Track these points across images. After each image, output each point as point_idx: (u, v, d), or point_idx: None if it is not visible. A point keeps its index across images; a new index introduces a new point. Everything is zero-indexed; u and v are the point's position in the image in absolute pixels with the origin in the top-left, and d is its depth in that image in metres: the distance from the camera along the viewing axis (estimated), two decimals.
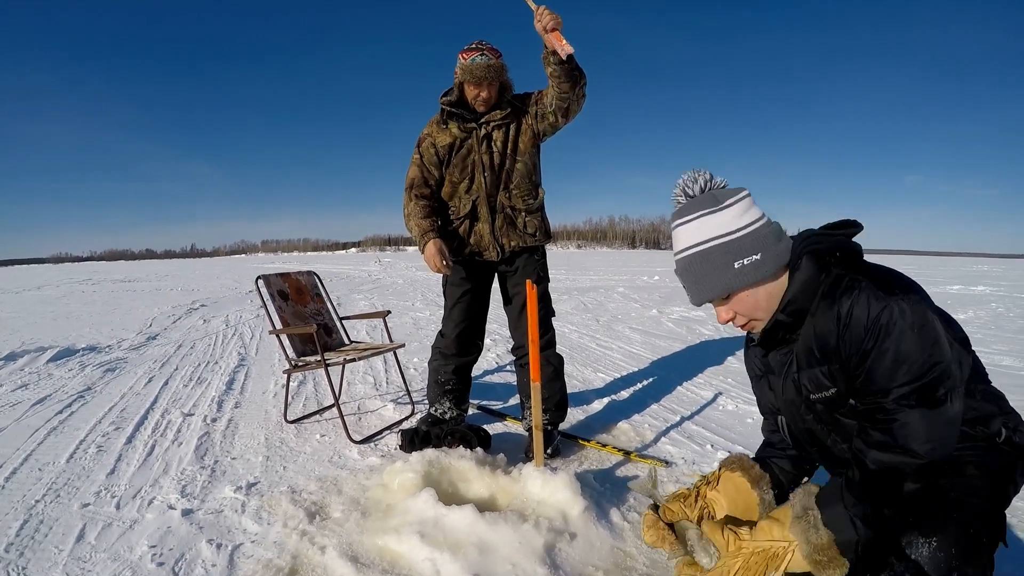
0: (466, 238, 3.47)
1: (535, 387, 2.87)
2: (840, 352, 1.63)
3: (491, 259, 3.50)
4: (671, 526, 1.98)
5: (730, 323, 1.78)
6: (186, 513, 2.77)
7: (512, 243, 3.46)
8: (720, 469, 2.06)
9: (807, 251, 1.71)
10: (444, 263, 3.26)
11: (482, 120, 3.36)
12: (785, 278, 1.72)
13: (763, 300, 1.72)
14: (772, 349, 1.87)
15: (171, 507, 2.83)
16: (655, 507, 2.06)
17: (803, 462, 2.07)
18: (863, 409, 1.64)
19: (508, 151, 3.38)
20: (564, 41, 2.94)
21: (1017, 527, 2.55)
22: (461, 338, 3.61)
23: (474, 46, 3.25)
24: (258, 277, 4.33)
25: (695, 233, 1.69)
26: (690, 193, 1.74)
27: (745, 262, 1.66)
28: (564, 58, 2.96)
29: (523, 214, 3.45)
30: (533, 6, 2.99)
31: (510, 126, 3.37)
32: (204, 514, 2.77)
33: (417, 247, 3.38)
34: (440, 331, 3.71)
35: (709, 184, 1.74)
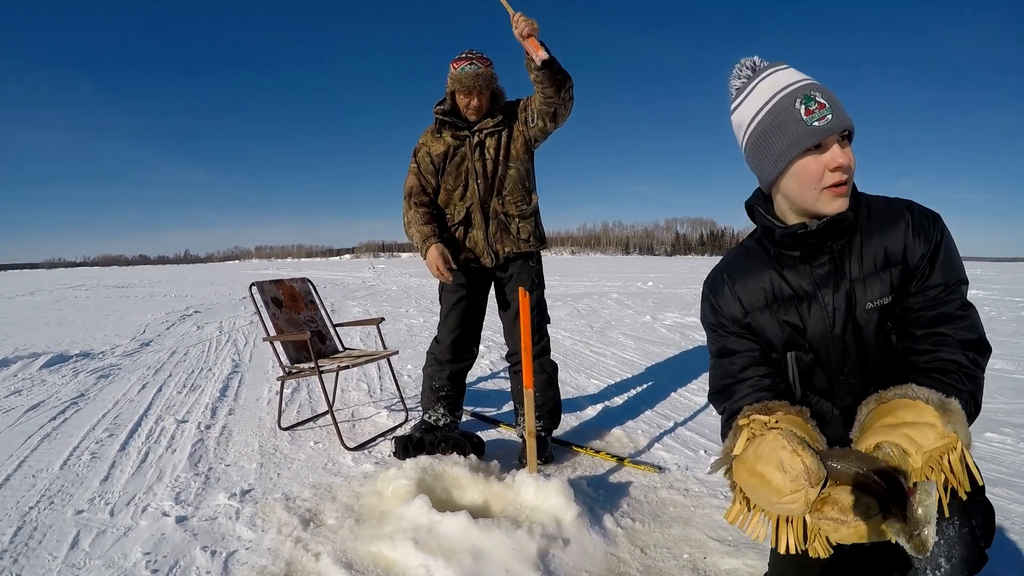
0: (461, 244, 3.48)
1: (528, 394, 2.88)
2: (907, 253, 1.55)
3: (486, 265, 3.51)
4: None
5: (838, 172, 1.49)
6: (180, 520, 2.77)
7: (507, 249, 3.47)
8: (754, 418, 1.53)
9: None
10: (447, 268, 3.27)
11: (475, 128, 3.38)
12: None
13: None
14: (812, 258, 1.63)
15: (165, 514, 2.83)
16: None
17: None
18: (920, 314, 1.54)
19: (500, 158, 3.40)
20: (540, 47, 2.97)
21: (1010, 530, 2.57)
22: (456, 344, 3.61)
23: (464, 55, 3.29)
24: (252, 284, 4.33)
25: (801, 75, 1.55)
26: (764, 67, 1.61)
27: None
28: (539, 64, 2.99)
29: (517, 220, 3.46)
30: (510, 10, 3.02)
31: (502, 133, 3.40)
32: (198, 521, 2.78)
33: (419, 253, 3.38)
34: (435, 337, 3.71)
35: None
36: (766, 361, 1.74)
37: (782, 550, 1.37)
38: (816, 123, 1.46)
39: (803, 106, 1.48)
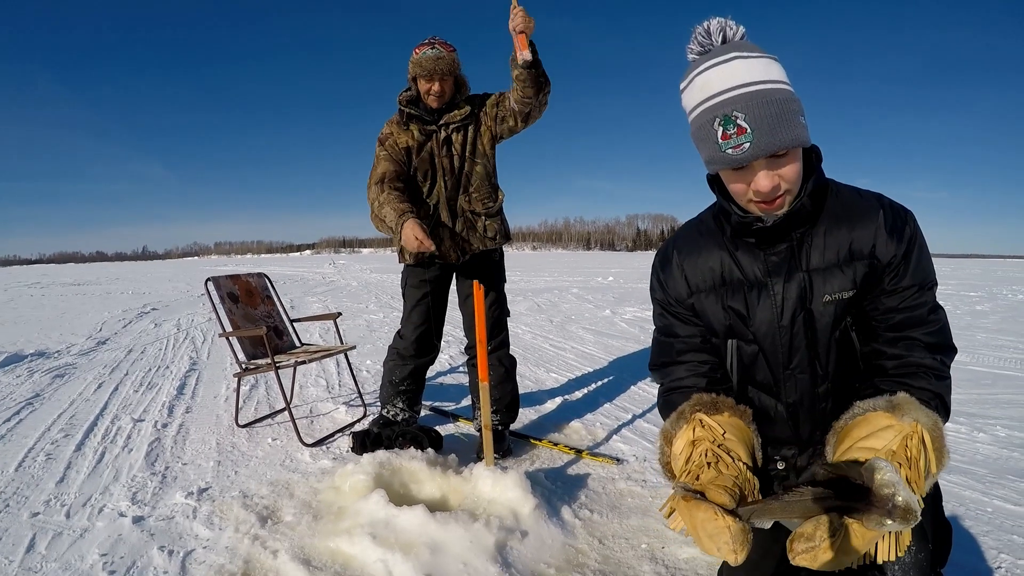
0: None
1: (483, 387, 2.89)
2: (876, 249, 1.48)
3: (451, 261, 3.51)
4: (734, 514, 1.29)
5: (763, 192, 1.42)
6: (137, 520, 2.74)
7: (473, 247, 3.48)
8: (695, 414, 1.54)
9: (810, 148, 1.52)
10: (426, 241, 3.04)
11: (441, 122, 3.34)
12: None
13: (800, 173, 1.45)
14: (769, 244, 1.56)
15: (122, 514, 2.80)
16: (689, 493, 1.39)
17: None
18: (889, 316, 1.49)
19: (467, 154, 3.38)
20: (527, 46, 2.98)
21: (965, 516, 2.65)
22: (420, 340, 3.60)
23: (427, 41, 3.25)
24: (207, 279, 4.28)
25: (767, 69, 1.39)
26: (728, 36, 1.45)
27: (803, 120, 1.40)
28: (520, 62, 3.00)
29: (483, 218, 3.46)
30: (515, 2, 2.99)
31: (469, 128, 3.38)
32: (155, 521, 2.75)
33: (392, 232, 3.20)
34: (399, 332, 3.70)
35: (744, 37, 1.47)
36: (706, 348, 1.71)
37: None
38: (730, 151, 1.37)
39: (721, 128, 1.38)
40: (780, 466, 1.74)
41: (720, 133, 1.38)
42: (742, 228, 1.56)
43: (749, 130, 1.34)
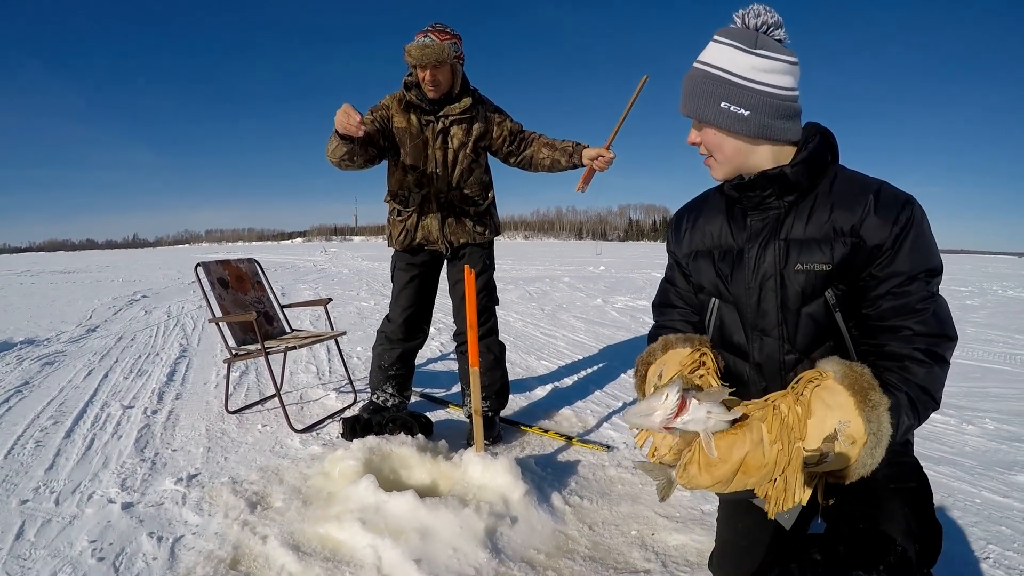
0: (414, 230, 3.44)
1: (474, 372, 2.89)
2: (863, 230, 1.51)
3: (440, 251, 3.50)
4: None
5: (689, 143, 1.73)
6: (126, 507, 2.73)
7: (461, 240, 3.47)
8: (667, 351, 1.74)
9: (821, 131, 1.66)
10: (354, 114, 2.86)
11: (440, 113, 3.31)
12: (764, 149, 1.63)
13: (728, 149, 1.65)
14: (752, 207, 1.70)
15: (111, 501, 2.79)
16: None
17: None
18: (878, 302, 1.52)
19: (464, 148, 3.37)
20: (588, 183, 3.31)
21: (954, 506, 2.67)
22: (408, 323, 3.59)
23: (424, 29, 3.18)
24: (197, 264, 4.25)
25: (715, 56, 1.61)
26: (748, 23, 1.61)
27: (731, 109, 1.58)
28: (576, 190, 3.33)
29: (472, 212, 3.46)
30: (611, 142, 3.22)
31: (472, 125, 3.37)
32: (144, 507, 2.74)
33: (334, 140, 3.03)
34: (387, 316, 3.69)
35: (769, 28, 1.60)
36: (696, 307, 1.91)
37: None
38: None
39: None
40: None
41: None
42: (731, 188, 1.72)
43: (682, 96, 1.68)
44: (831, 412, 1.31)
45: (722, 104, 1.58)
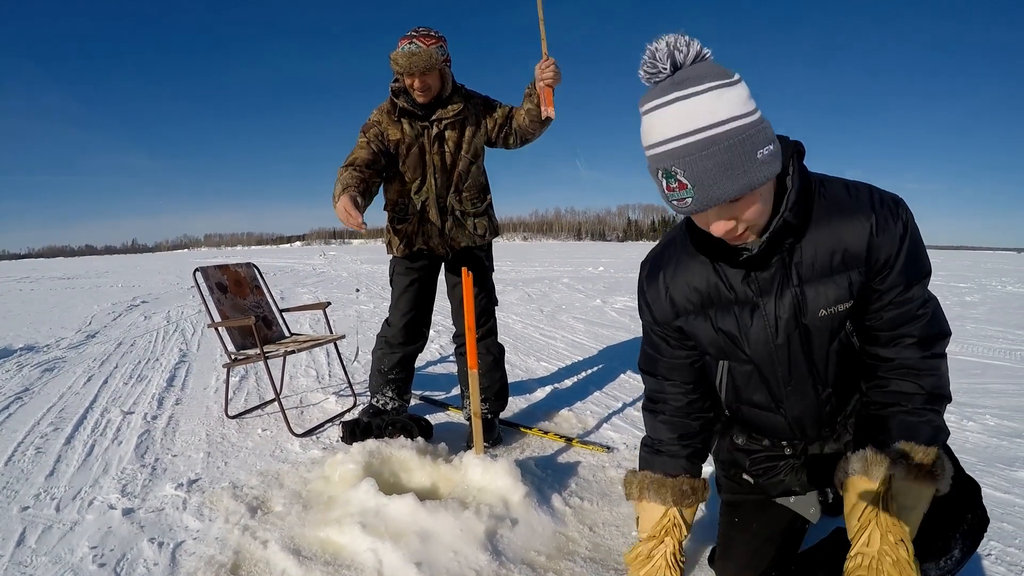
0: (414, 236, 3.43)
1: (472, 374, 2.89)
2: (870, 253, 1.44)
3: (440, 255, 3.50)
4: None
5: (720, 235, 1.39)
6: (127, 512, 2.73)
7: (461, 243, 3.46)
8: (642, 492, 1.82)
9: (796, 149, 1.48)
10: (354, 214, 2.92)
11: (433, 118, 3.28)
12: (769, 187, 1.40)
13: (762, 204, 1.37)
14: (759, 267, 1.51)
15: (112, 507, 2.79)
16: None
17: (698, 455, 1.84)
18: (880, 313, 1.49)
19: (460, 151, 3.35)
20: (552, 103, 3.10)
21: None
22: (408, 327, 3.59)
23: (408, 34, 3.13)
24: (196, 269, 4.25)
25: (711, 108, 1.26)
26: (679, 61, 1.31)
27: (765, 152, 1.29)
28: (543, 117, 3.16)
29: (472, 217, 3.45)
30: (544, 49, 3.07)
31: (466, 126, 3.34)
32: (145, 513, 2.74)
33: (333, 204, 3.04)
34: (386, 320, 3.68)
35: (701, 55, 1.33)
36: (691, 368, 1.76)
37: None
38: (675, 202, 1.33)
39: (664, 180, 1.32)
40: (787, 451, 1.79)
41: (665, 184, 1.32)
42: (729, 257, 1.53)
43: (689, 186, 1.28)
44: (921, 505, 1.40)
45: (758, 155, 1.29)
